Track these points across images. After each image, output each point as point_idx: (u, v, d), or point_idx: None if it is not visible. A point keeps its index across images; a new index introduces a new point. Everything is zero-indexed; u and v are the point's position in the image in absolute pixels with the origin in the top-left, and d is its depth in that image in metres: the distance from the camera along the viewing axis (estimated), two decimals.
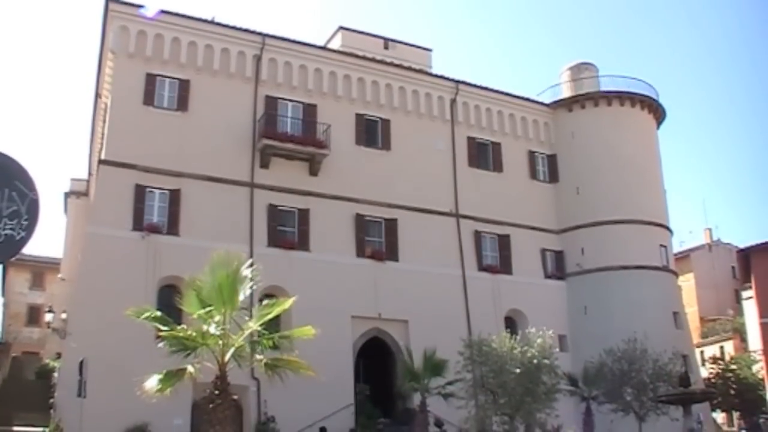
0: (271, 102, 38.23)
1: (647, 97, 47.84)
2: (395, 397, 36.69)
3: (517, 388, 21.81)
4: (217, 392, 12.17)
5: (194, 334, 12.22)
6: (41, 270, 60.42)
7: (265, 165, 37.02)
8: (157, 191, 34.62)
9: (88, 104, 49.13)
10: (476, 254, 42.28)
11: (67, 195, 49.67)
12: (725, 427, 63.35)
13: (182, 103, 36.25)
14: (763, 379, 51.71)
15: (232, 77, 37.73)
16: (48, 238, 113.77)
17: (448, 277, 40.37)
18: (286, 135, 37.68)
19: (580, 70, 49.21)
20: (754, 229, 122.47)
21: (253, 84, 38.05)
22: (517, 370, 21.71)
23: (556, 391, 23.30)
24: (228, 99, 37.21)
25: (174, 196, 34.76)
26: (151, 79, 35.80)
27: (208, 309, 12.17)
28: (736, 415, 63.34)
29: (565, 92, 48.23)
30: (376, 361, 37.92)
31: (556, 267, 45.06)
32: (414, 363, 28.55)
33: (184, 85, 36.48)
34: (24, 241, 6.73)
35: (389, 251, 39.22)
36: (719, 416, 64.43)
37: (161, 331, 12.82)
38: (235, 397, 13.88)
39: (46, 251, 56.49)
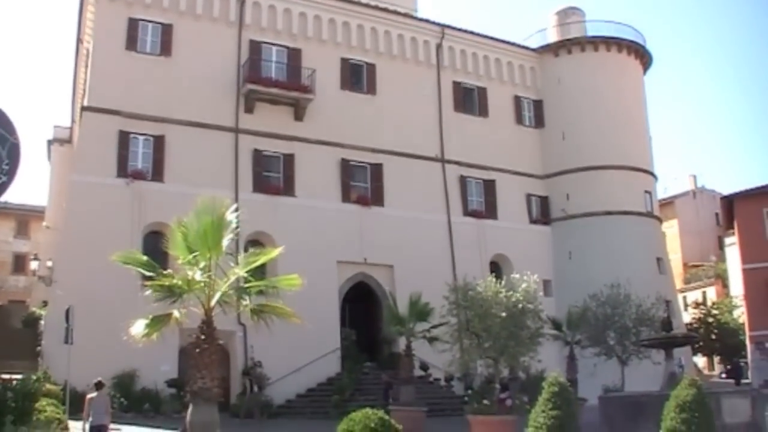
0: (256, 46, 37.88)
1: (634, 42, 47.69)
2: (381, 342, 37.01)
3: (501, 332, 21.97)
4: (203, 337, 12.19)
5: (179, 282, 12.20)
6: (26, 218, 60.25)
7: (249, 110, 36.80)
8: (141, 137, 34.40)
9: (70, 50, 48.68)
10: (462, 199, 42.37)
11: (50, 142, 49.32)
12: (706, 371, 64.26)
13: (165, 48, 35.86)
14: (743, 324, 52.28)
15: (216, 21, 37.30)
16: (32, 186, 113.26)
17: (434, 222, 40.50)
18: (271, 80, 37.41)
19: (567, 15, 48.97)
20: (738, 176, 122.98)
21: (237, 28, 37.66)
22: (502, 315, 21.85)
23: (540, 336, 23.51)
24: (212, 43, 36.81)
25: (158, 142, 34.57)
26: (133, 23, 35.34)
27: (193, 255, 12.14)
28: (716, 359, 64.26)
29: (552, 37, 48.02)
30: (361, 306, 38.14)
31: (541, 212, 45.26)
32: (399, 307, 28.71)
33: (167, 30, 36.06)
34: (6, 185, 6.66)
35: (375, 196, 39.25)
36: (700, 360, 65.36)
37: (147, 277, 12.81)
38: (222, 342, 13.93)
39: (31, 199, 56.54)
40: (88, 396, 17.73)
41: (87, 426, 17.05)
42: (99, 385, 17.80)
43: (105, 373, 27.53)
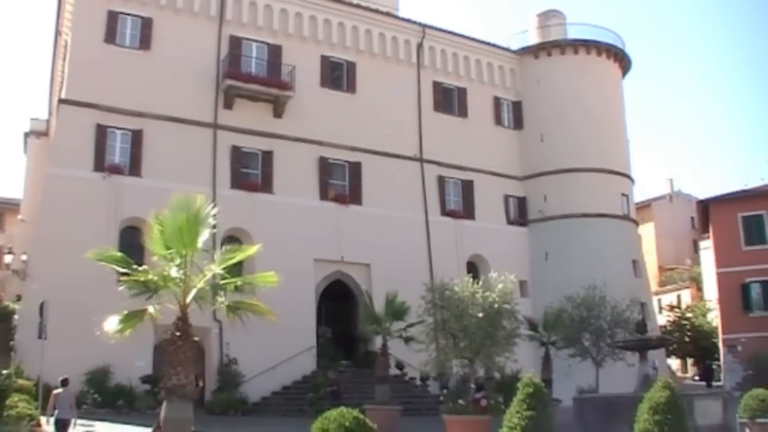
0: (236, 42, 37.75)
1: (613, 46, 47.93)
2: (357, 340, 37.00)
3: (477, 332, 22.00)
4: (178, 334, 12.13)
5: (155, 277, 12.12)
6: (1, 211, 59.69)
7: (228, 106, 36.68)
8: (118, 131, 34.19)
9: (48, 42, 48.16)
10: (440, 199, 42.45)
11: (26, 135, 48.91)
12: (680, 373, 64.75)
13: (145, 41, 35.64)
14: (717, 328, 52.70)
15: (196, 16, 37.13)
16: (8, 179, 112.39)
17: (411, 222, 40.54)
18: (251, 76, 37.28)
19: (547, 17, 49.15)
20: (714, 181, 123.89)
21: (218, 23, 37.49)
22: (479, 315, 21.88)
23: (515, 336, 23.57)
24: (191, 38, 36.64)
25: (136, 137, 34.36)
26: (112, 16, 35.10)
27: (169, 251, 12.07)
28: (690, 361, 64.74)
29: (533, 39, 48.20)
30: (338, 304, 38.12)
31: (519, 213, 45.43)
32: (376, 306, 28.71)
33: (146, 23, 35.84)
34: None
35: (353, 195, 39.23)
36: (674, 362, 65.82)
37: (123, 273, 12.72)
38: (197, 339, 13.87)
39: (6, 192, 55.95)
40: (54, 392, 18.18)
41: (52, 420, 17.57)
42: (64, 382, 18.35)
43: (79, 369, 27.59)
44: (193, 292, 12.15)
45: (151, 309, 12.15)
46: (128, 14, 35.55)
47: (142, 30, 35.69)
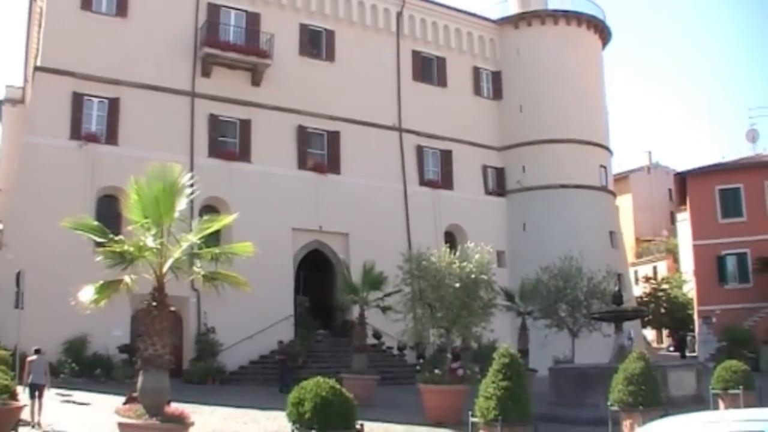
0: (214, 9, 37.38)
1: (593, 17, 47.91)
2: (335, 309, 37.05)
3: (454, 303, 22.05)
4: (154, 304, 12.10)
5: (131, 248, 12.06)
6: None
7: (206, 74, 36.41)
8: (95, 99, 33.88)
9: (23, 8, 47.45)
10: (418, 169, 42.47)
11: (2, 103, 48.32)
12: (655, 344, 65.35)
13: (121, 8, 35.21)
14: (692, 299, 53.17)
15: None
16: None
17: (390, 191, 40.56)
18: (229, 44, 36.99)
19: None
20: (692, 154, 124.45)
21: None
22: (456, 285, 21.93)
23: (492, 306, 23.67)
24: (169, 5, 36.23)
25: (113, 105, 34.07)
26: None
27: (145, 221, 12.01)
28: (665, 332, 65.36)
29: (513, 9, 48.04)
30: (316, 273, 38.16)
31: (497, 184, 45.52)
32: (354, 276, 28.75)
33: None
34: None
35: (331, 164, 39.16)
36: (650, 333, 66.43)
37: (98, 243, 12.65)
38: (173, 309, 13.84)
39: None
40: (28, 359, 18.97)
41: (27, 386, 18.25)
42: (38, 351, 19.25)
43: (56, 338, 27.57)
44: (170, 261, 12.10)
45: (127, 279, 12.09)
46: None
47: None
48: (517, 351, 24.23)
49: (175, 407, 11.98)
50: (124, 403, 16.09)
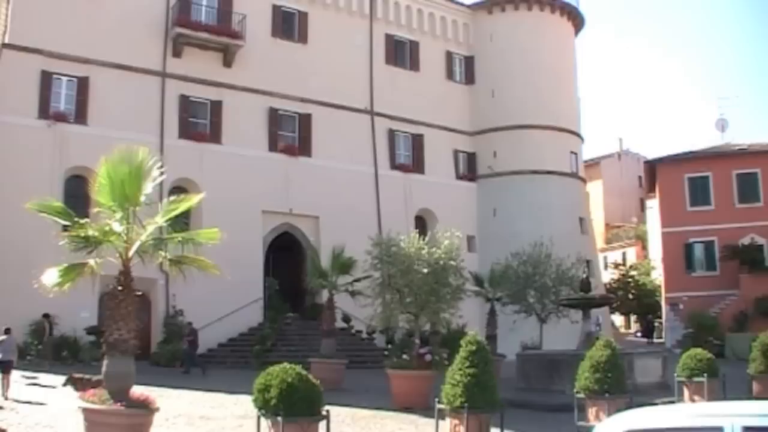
0: None
1: (567, 4, 48.07)
2: (304, 292, 36.99)
3: (422, 288, 22.06)
4: (120, 288, 11.97)
5: (96, 233, 11.91)
6: None
7: (177, 54, 36.14)
8: (64, 78, 33.52)
9: None
10: (389, 153, 42.47)
11: None
12: (623, 329, 65.98)
13: None
14: (660, 286, 53.68)
15: None
16: None
17: (361, 175, 40.53)
18: (200, 24, 36.73)
19: None
20: (662, 142, 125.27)
21: None
22: (424, 271, 21.94)
23: (461, 292, 23.70)
24: None
25: (82, 84, 33.73)
26: None
27: (111, 204, 11.86)
28: (633, 318, 66.03)
29: None
30: (286, 255, 38.08)
31: (468, 168, 45.60)
32: (324, 259, 28.70)
33: None
34: None
35: (302, 146, 39.05)
36: (618, 319, 67.04)
37: (63, 226, 12.49)
38: (140, 293, 13.72)
39: None
40: None
41: None
42: (7, 331, 20.90)
43: (22, 320, 27.32)
44: (135, 246, 11.97)
45: (92, 263, 11.95)
46: None
47: None
48: (485, 336, 24.33)
49: (140, 392, 11.88)
50: (64, 384, 15.84)
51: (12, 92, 32.39)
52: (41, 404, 18.50)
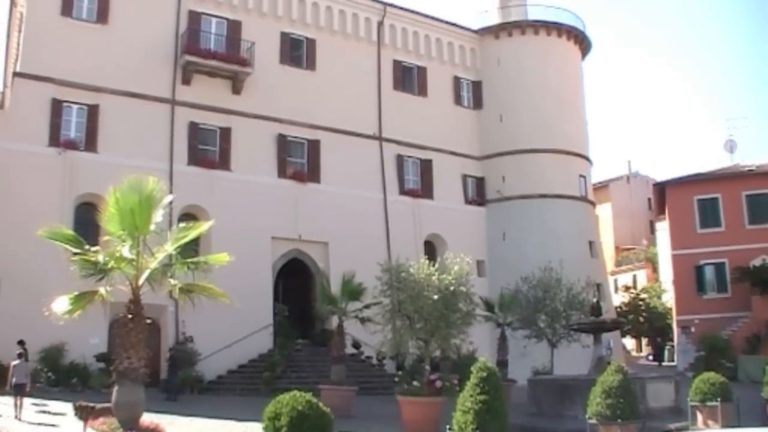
0: (195, 17, 37.30)
1: (574, 28, 48.13)
2: (314, 318, 36.93)
3: (432, 314, 22.02)
4: (130, 316, 12.00)
5: (107, 258, 11.95)
6: None
7: (186, 82, 36.28)
8: (74, 106, 33.68)
9: (3, 12, 47.40)
10: (398, 178, 42.47)
11: None
12: (634, 353, 65.63)
13: (102, 14, 35.04)
14: (671, 309, 53.43)
15: None
16: None
17: (370, 200, 40.53)
18: (209, 51, 36.86)
19: None
20: (670, 163, 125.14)
21: None
22: (434, 297, 21.90)
23: (471, 318, 23.64)
24: (150, 12, 36.07)
25: (92, 112, 33.88)
26: None
27: (122, 232, 11.91)
28: (645, 341, 65.69)
29: (494, 19, 48.21)
30: (295, 281, 38.02)
31: (477, 193, 45.59)
32: (333, 285, 28.65)
33: None
34: None
35: (311, 173, 39.08)
36: (629, 342, 66.72)
37: (74, 253, 12.53)
38: (149, 321, 13.76)
39: None
40: (12, 363, 21.81)
41: (11, 386, 21.35)
42: (20, 355, 22.28)
43: (33, 347, 27.19)
44: (146, 274, 12.02)
45: (102, 291, 12.00)
46: None
47: (99, 3, 35.05)
48: (496, 361, 24.22)
49: (150, 420, 11.88)
50: (75, 413, 15.91)
51: (23, 120, 32.58)
52: (53, 426, 18.50)
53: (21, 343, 25.59)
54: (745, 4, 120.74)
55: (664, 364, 54.40)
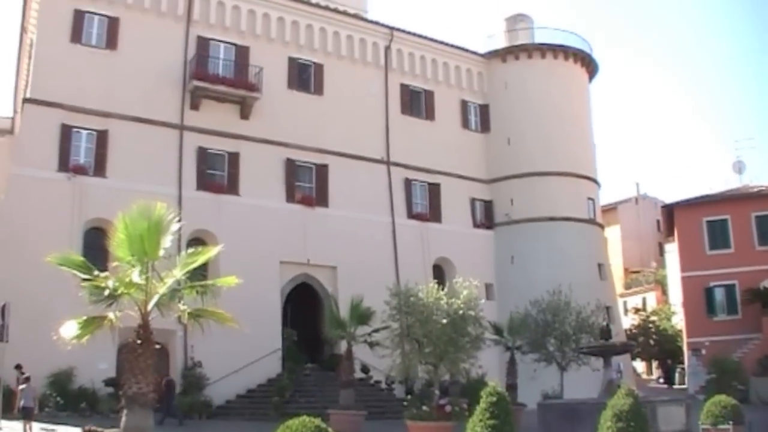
0: (203, 43, 37.52)
1: (580, 50, 48.20)
2: (322, 343, 36.86)
3: (441, 338, 22.02)
4: (139, 341, 12.02)
5: (116, 284, 11.99)
6: None
7: (195, 107, 36.44)
8: (83, 131, 33.87)
9: (14, 38, 47.81)
10: (406, 202, 42.46)
11: None
12: (645, 375, 65.25)
13: (111, 41, 35.31)
14: (681, 331, 53.18)
15: (163, 16, 36.84)
16: None
17: (378, 224, 40.53)
18: (218, 77, 37.06)
19: (515, 21, 49.40)
20: (679, 185, 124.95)
21: (185, 23, 37.22)
22: (443, 321, 21.90)
23: (480, 342, 23.62)
24: (158, 38, 36.34)
25: (101, 137, 34.05)
26: (79, 15, 34.72)
27: (130, 258, 11.95)
28: (655, 364, 65.34)
29: (500, 43, 48.33)
30: (304, 306, 37.98)
31: (485, 216, 45.53)
32: (342, 309, 28.64)
33: (113, 23, 35.50)
34: None
35: (319, 197, 39.13)
36: (639, 365, 66.37)
37: (83, 279, 12.56)
38: (158, 346, 13.76)
39: None
40: (20, 387, 22.87)
41: (18, 409, 22.35)
42: (27, 379, 23.16)
43: (41, 371, 27.29)
44: (155, 299, 12.05)
45: (111, 315, 12.03)
46: (95, 13, 35.18)
47: (108, 29, 35.36)
48: (505, 385, 24.12)
49: None
50: None
51: (33, 145, 32.80)
52: None
53: (18, 367, 25.65)
54: (753, 27, 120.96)
55: (674, 386, 54.08)
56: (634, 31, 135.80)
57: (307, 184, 39.26)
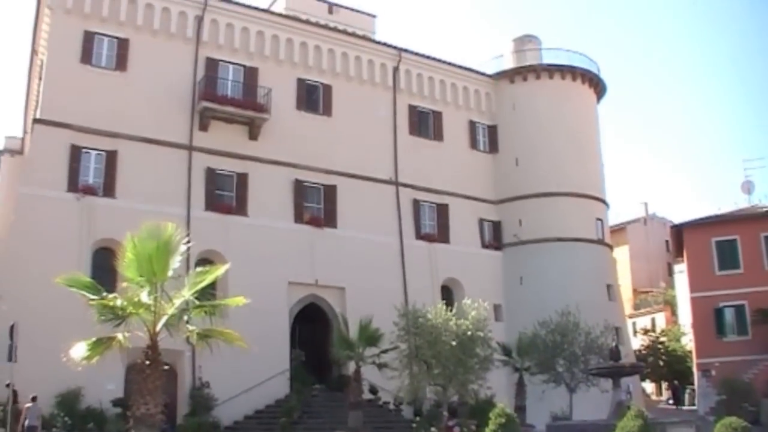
0: (212, 64, 37.71)
1: (588, 71, 48.26)
2: (331, 364, 36.77)
3: (450, 359, 22.00)
4: (147, 362, 12.03)
5: (125, 303, 12.02)
6: None
7: (204, 128, 36.59)
8: (93, 152, 34.02)
9: (24, 59, 48.26)
10: (414, 223, 42.46)
11: (1, 153, 48.45)
12: (654, 396, 64.89)
13: (121, 62, 35.53)
14: (691, 352, 52.91)
15: (173, 37, 37.08)
16: None
17: (386, 245, 40.51)
18: (226, 98, 37.22)
19: (523, 42, 49.48)
20: (687, 205, 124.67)
21: (194, 45, 37.44)
22: (452, 342, 21.88)
23: (489, 363, 23.56)
24: (168, 60, 36.57)
25: (110, 158, 34.19)
26: (89, 36, 34.98)
27: (139, 279, 11.98)
28: (665, 384, 64.99)
29: (508, 64, 48.41)
30: (312, 327, 37.94)
31: (494, 237, 45.49)
32: (350, 330, 28.61)
33: (123, 44, 35.74)
34: None
35: (328, 218, 39.16)
36: (649, 386, 66.01)
37: (91, 299, 12.59)
38: (167, 366, 13.75)
39: None
40: (25, 405, 23.12)
41: (23, 429, 22.89)
42: (33, 399, 23.50)
43: (49, 391, 27.32)
44: (163, 320, 12.06)
45: (120, 337, 12.04)
46: (105, 35, 35.44)
47: (118, 51, 35.60)
48: (514, 407, 24.08)
49: None
50: None
51: (42, 166, 32.96)
52: None
53: (8, 386, 25.53)
54: (763, 47, 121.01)
55: (684, 407, 53.76)
56: (642, 51, 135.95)
57: (315, 205, 39.31)
